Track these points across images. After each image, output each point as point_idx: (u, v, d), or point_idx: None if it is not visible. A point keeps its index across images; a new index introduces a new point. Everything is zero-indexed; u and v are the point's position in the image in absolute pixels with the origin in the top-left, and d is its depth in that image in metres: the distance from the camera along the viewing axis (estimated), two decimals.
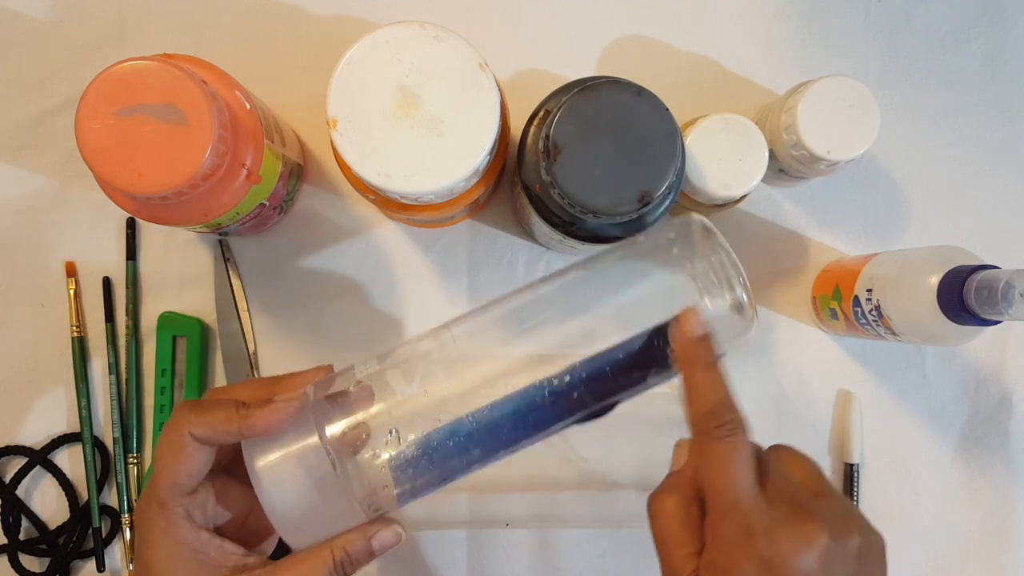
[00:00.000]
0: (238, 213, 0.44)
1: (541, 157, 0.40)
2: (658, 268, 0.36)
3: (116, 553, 0.53)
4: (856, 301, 0.48)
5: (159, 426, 0.53)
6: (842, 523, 0.31)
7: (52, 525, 0.53)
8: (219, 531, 0.35)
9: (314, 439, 0.33)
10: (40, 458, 0.52)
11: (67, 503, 0.53)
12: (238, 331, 0.53)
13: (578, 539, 0.54)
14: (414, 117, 0.39)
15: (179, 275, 0.53)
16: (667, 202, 0.43)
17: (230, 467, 0.37)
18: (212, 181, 0.40)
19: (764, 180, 0.49)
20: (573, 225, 0.43)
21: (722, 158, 0.46)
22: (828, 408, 0.55)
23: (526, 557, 0.54)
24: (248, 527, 0.37)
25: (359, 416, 0.34)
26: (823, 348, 0.55)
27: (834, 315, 0.51)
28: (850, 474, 0.54)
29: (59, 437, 0.53)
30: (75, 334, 0.53)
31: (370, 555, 0.34)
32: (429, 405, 0.35)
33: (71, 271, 0.53)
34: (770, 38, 0.55)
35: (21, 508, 0.53)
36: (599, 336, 0.35)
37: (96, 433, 0.53)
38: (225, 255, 0.53)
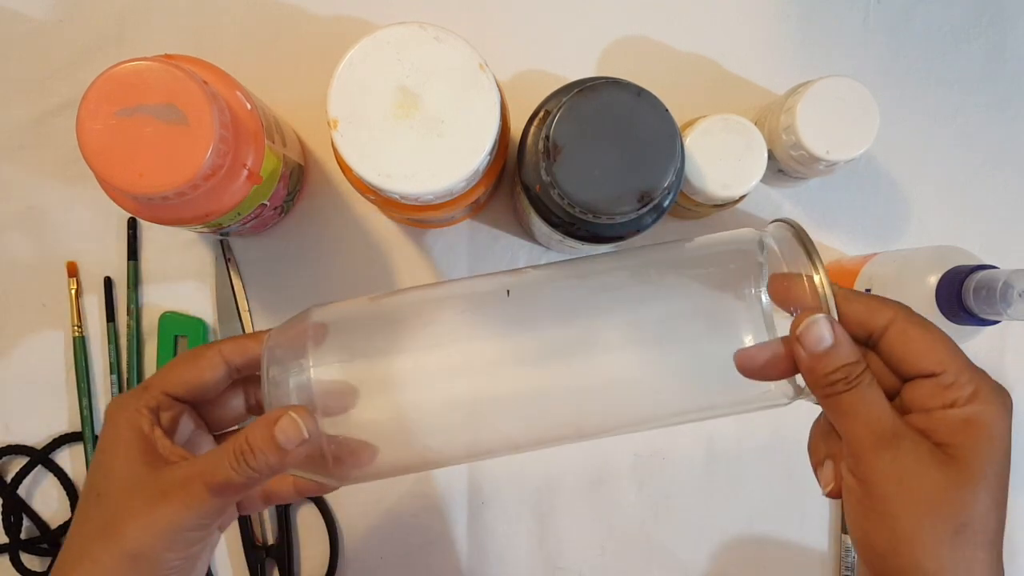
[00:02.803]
0: (239, 213, 0.45)
1: (541, 157, 0.40)
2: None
3: None
4: None
5: None
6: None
7: (53, 524, 0.53)
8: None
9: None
10: (41, 457, 0.53)
11: (68, 502, 0.53)
12: (239, 331, 0.53)
13: (578, 538, 0.54)
14: (414, 117, 0.40)
15: (180, 275, 0.53)
16: (667, 202, 0.43)
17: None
18: (213, 181, 0.40)
19: (763, 180, 0.49)
20: (573, 225, 0.43)
21: (721, 158, 0.46)
22: None
23: (525, 555, 0.54)
24: None
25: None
26: None
27: None
28: None
29: (60, 437, 0.53)
30: (76, 334, 0.53)
31: (275, 447, 0.31)
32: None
33: (72, 271, 0.53)
34: (770, 38, 0.55)
35: (22, 507, 0.53)
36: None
37: (97, 433, 0.53)
38: (226, 255, 0.53)
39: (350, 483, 0.35)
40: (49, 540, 0.53)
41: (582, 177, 0.40)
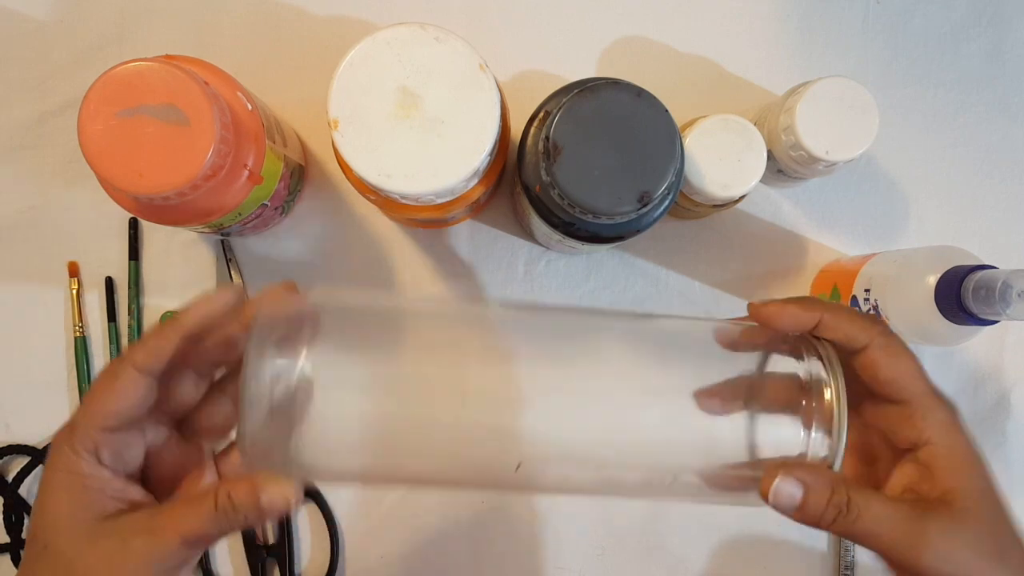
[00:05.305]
0: (240, 214, 0.45)
1: (541, 158, 0.41)
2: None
3: None
4: (854, 301, 0.48)
5: None
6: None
7: None
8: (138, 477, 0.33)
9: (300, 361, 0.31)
10: (42, 457, 0.53)
11: None
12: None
13: (578, 538, 0.54)
14: (414, 118, 0.40)
15: (181, 275, 0.53)
16: (666, 202, 0.43)
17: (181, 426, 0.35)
18: (214, 182, 0.40)
19: (763, 180, 0.49)
20: (573, 225, 0.43)
21: (721, 158, 0.46)
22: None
23: (525, 556, 0.54)
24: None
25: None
26: None
27: None
28: None
29: None
30: (77, 334, 0.53)
31: (258, 511, 0.30)
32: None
33: (73, 271, 0.53)
34: (769, 38, 0.55)
35: (23, 507, 0.53)
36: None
37: None
38: (227, 255, 0.53)
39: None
40: None
41: (582, 177, 0.40)
